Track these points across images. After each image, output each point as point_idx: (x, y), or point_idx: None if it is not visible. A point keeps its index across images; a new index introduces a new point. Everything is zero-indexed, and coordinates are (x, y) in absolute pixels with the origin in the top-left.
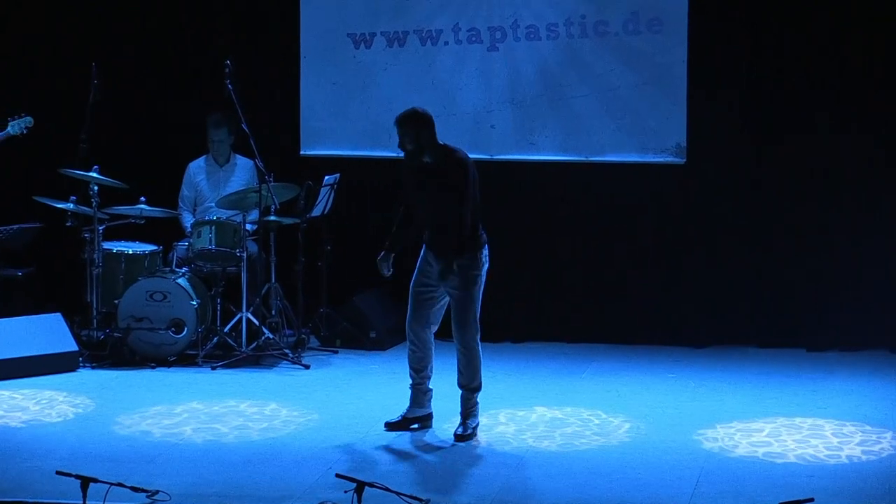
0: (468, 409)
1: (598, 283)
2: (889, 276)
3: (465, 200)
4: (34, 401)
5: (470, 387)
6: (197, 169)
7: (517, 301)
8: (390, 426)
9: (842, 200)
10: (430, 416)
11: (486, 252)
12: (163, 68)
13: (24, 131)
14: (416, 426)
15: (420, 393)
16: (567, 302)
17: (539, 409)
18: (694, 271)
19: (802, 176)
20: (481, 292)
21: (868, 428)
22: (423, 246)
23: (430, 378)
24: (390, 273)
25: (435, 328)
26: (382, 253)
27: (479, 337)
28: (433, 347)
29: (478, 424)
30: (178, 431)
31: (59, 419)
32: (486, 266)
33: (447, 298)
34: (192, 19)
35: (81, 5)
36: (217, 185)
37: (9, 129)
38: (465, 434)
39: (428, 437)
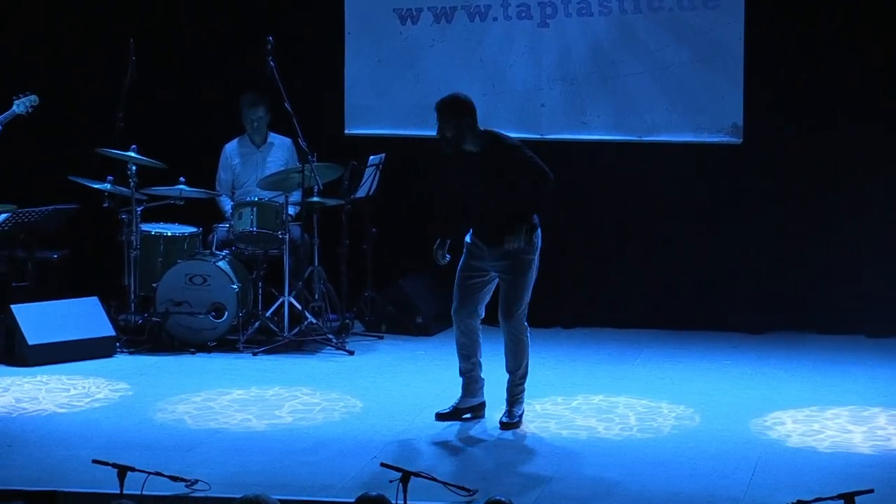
0: (514, 397)
1: (650, 267)
2: None
3: (534, 168)
4: (70, 387)
5: (516, 374)
6: (232, 151)
7: (567, 285)
8: (441, 416)
9: None
10: (482, 406)
11: (539, 235)
12: (202, 44)
13: (30, 110)
14: (468, 416)
15: (471, 381)
16: (619, 286)
17: (590, 397)
18: (750, 254)
19: (863, 156)
20: (534, 278)
21: None
22: (471, 231)
23: (480, 366)
24: (446, 261)
25: (481, 316)
26: (438, 241)
27: (526, 323)
28: (480, 333)
29: (523, 412)
30: (218, 419)
31: (96, 406)
32: (538, 250)
33: (494, 283)
34: None
35: None
36: (254, 166)
37: (14, 107)
38: (511, 422)
39: (476, 426)
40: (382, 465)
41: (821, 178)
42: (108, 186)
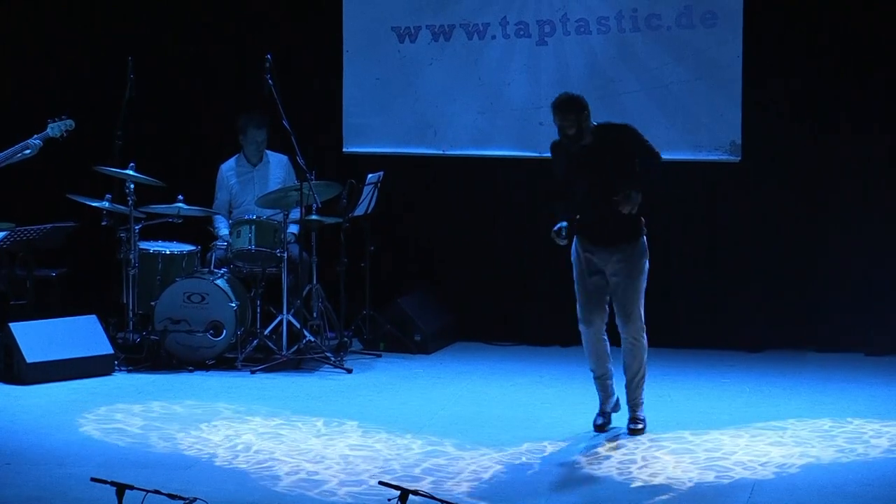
0: (634, 400)
1: (650, 285)
2: None
3: (647, 148)
4: (68, 405)
5: (637, 376)
6: (229, 171)
7: (566, 303)
8: (599, 427)
9: None
10: (618, 401)
11: (645, 240)
12: (201, 62)
13: (65, 135)
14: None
15: (605, 385)
16: None
17: (589, 416)
18: (750, 272)
19: (862, 174)
20: (645, 282)
21: None
22: (576, 238)
23: (611, 364)
24: (565, 243)
25: (606, 318)
26: (557, 226)
27: (644, 324)
28: (606, 336)
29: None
30: (217, 437)
31: (94, 424)
32: (648, 253)
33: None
34: (232, 12)
35: None
36: (252, 185)
37: (48, 130)
38: (637, 428)
39: (471, 441)
40: (380, 483)
41: (820, 195)
42: (106, 204)
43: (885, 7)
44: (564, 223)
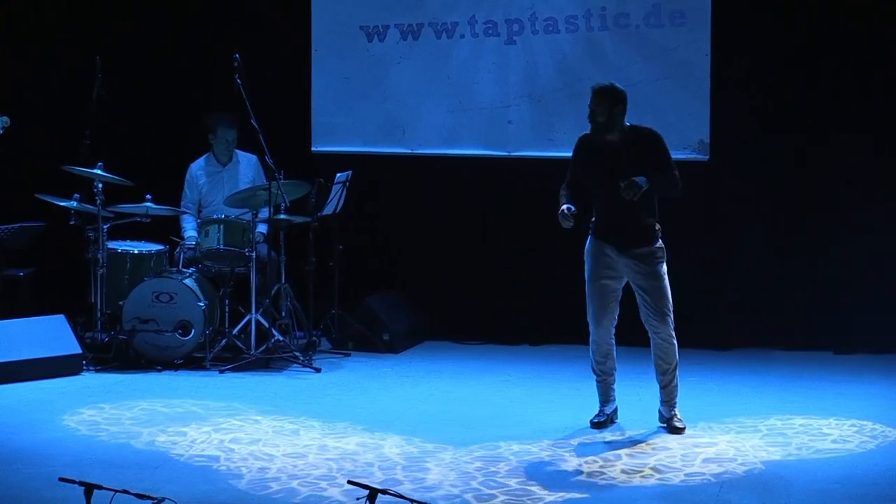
0: (670, 401)
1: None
2: None
3: (668, 165)
4: (37, 405)
5: (667, 377)
6: (198, 170)
7: (535, 302)
8: (597, 425)
9: (871, 199)
10: (616, 411)
11: (662, 244)
12: (169, 61)
13: (2, 131)
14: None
15: (608, 387)
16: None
17: (558, 414)
18: (717, 271)
19: (829, 173)
20: (668, 284)
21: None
22: (591, 239)
23: (615, 370)
24: (571, 225)
25: (615, 321)
26: (564, 208)
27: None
28: (613, 339)
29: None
30: (186, 437)
31: (62, 424)
32: (665, 258)
33: (622, 288)
34: (200, 11)
35: None
36: (221, 185)
37: None
38: (678, 426)
39: (439, 440)
40: (350, 482)
41: (788, 194)
42: (74, 204)
43: (850, 4)
44: (572, 205)
